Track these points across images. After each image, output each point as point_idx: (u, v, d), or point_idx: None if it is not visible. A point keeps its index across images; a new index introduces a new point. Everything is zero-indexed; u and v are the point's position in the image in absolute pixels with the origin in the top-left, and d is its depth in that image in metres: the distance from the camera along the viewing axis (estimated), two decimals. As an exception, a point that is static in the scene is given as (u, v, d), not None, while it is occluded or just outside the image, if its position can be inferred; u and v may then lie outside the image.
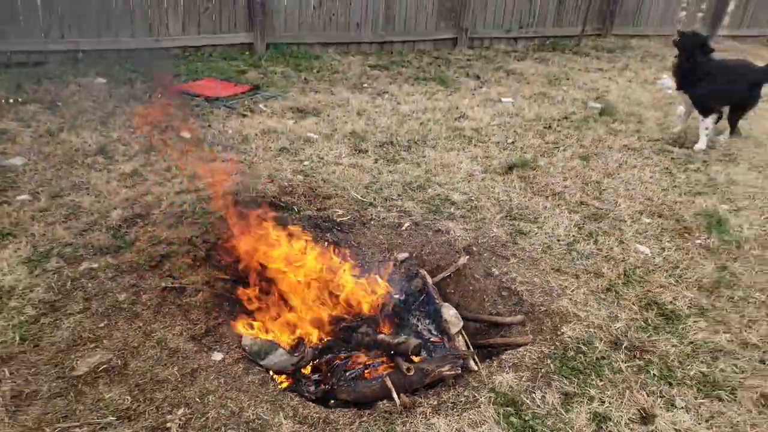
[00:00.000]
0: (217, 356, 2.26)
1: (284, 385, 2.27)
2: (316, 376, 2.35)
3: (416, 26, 8.48)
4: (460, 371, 2.34)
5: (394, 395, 2.17)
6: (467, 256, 3.17)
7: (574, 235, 3.58)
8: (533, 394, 2.27)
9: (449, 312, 2.65)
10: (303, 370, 2.36)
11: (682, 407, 2.29)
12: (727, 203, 4.25)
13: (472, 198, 3.94)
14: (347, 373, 2.32)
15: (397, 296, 2.73)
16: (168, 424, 1.93)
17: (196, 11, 6.83)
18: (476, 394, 2.24)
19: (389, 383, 2.22)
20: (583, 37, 9.85)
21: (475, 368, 2.39)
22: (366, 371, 2.36)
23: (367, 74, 7.04)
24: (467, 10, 8.63)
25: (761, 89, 5.34)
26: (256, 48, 7.25)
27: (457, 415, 2.13)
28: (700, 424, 2.22)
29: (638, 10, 10.34)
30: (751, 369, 2.57)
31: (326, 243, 3.08)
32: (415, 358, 2.40)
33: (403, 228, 3.31)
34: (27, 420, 1.92)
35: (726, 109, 5.48)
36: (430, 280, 2.94)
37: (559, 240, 3.51)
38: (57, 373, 2.13)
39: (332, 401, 2.24)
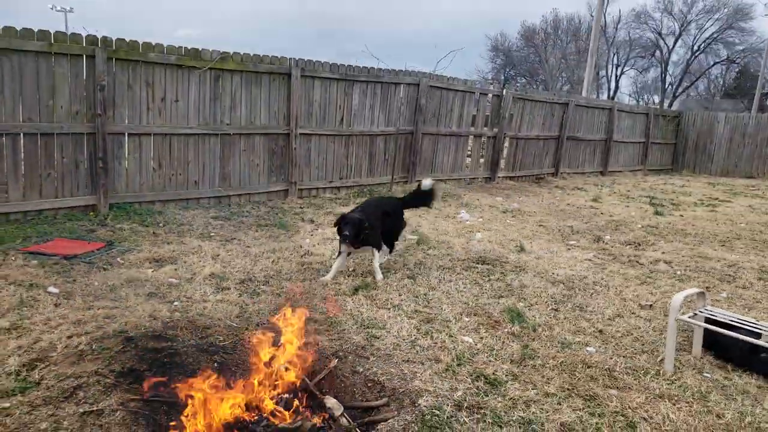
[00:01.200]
0: (146, 460, 2.60)
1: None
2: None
3: (250, 181, 9.46)
4: (348, 441, 2.93)
5: (302, 465, 2.69)
6: (336, 360, 3.86)
7: (414, 335, 4.46)
8: (406, 447, 2.94)
9: (331, 401, 3.27)
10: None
11: (511, 438, 3.13)
12: (523, 301, 5.51)
13: (330, 316, 4.68)
14: (258, 460, 2.78)
15: (286, 396, 3.28)
16: None
17: (38, 178, 7.06)
18: (364, 454, 2.86)
19: (295, 458, 2.74)
20: (393, 184, 11.63)
21: (359, 438, 3.01)
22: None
23: (211, 225, 7.68)
24: (294, 167, 9.88)
25: (396, 215, 6.46)
26: (99, 209, 7.56)
27: (354, 470, 2.71)
28: (523, 446, 3.06)
29: (434, 159, 12.56)
30: (552, 410, 3.53)
31: (215, 363, 3.56)
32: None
33: (278, 345, 3.90)
34: None
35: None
36: (310, 382, 3.55)
37: (404, 339, 4.36)
38: None
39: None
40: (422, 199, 6.85)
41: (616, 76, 49.97)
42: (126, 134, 7.88)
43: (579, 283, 6.19)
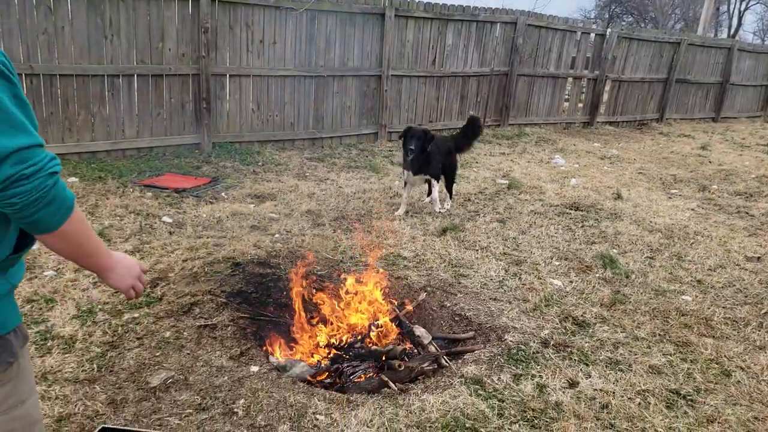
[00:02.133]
0: (254, 368, 2.89)
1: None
2: (329, 381, 3.02)
3: (342, 124, 9.62)
4: (436, 367, 3.09)
5: (391, 384, 2.88)
6: (425, 294, 4.00)
7: (502, 276, 4.51)
8: (492, 377, 3.05)
9: (420, 330, 3.43)
10: (319, 377, 3.02)
11: (596, 376, 3.16)
12: (616, 248, 5.38)
13: (419, 254, 4.82)
14: (351, 377, 3.01)
15: (378, 322, 3.48)
16: (235, 409, 2.55)
17: (149, 117, 7.58)
18: (450, 380, 3.01)
19: (385, 377, 2.93)
20: (485, 127, 11.41)
21: (446, 365, 3.16)
22: (364, 374, 3.06)
23: (306, 165, 7.97)
24: (385, 110, 9.93)
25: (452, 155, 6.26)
26: (203, 147, 8.03)
27: (440, 392, 2.87)
28: (608, 384, 3.08)
29: (528, 103, 12.17)
30: (641, 353, 3.51)
31: (314, 290, 3.81)
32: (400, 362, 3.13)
33: (370, 276, 4.10)
34: (127, 416, 2.48)
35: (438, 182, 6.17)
36: (399, 312, 3.72)
37: (491, 279, 4.42)
38: (136, 386, 2.69)
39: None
40: (472, 131, 6.43)
41: (740, 12, 44.92)
42: (227, 75, 8.21)
43: (679, 233, 5.93)
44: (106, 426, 2.18)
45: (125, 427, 2.29)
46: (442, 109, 10.93)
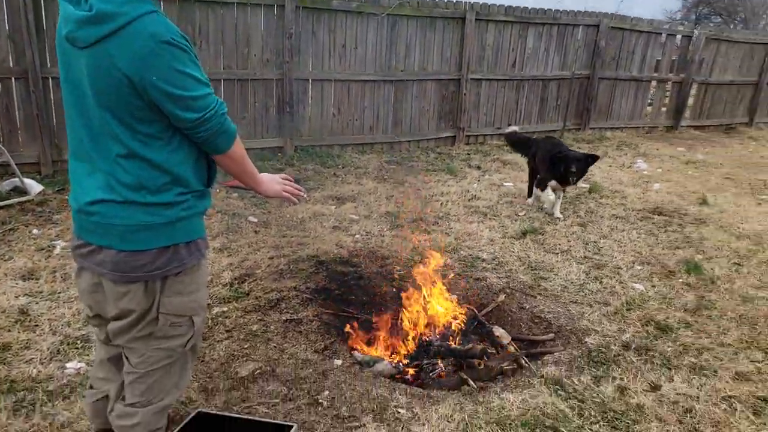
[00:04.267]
0: (338, 362, 3.06)
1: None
2: (409, 377, 3.14)
3: (420, 127, 9.74)
4: (515, 367, 3.15)
5: (471, 382, 2.97)
6: (504, 295, 4.04)
7: (583, 279, 4.48)
8: (572, 378, 3.07)
9: (499, 330, 3.49)
10: (399, 375, 3.15)
11: (680, 381, 3.11)
12: (701, 254, 5.19)
13: (497, 256, 4.86)
14: (431, 374, 3.11)
15: (457, 322, 3.57)
16: (320, 400, 2.72)
17: (235, 120, 7.91)
18: (530, 380, 3.05)
19: (465, 375, 3.01)
20: (565, 131, 11.21)
21: (526, 365, 3.20)
22: (443, 372, 3.15)
23: (384, 168, 8.14)
24: (463, 113, 9.97)
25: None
26: (285, 150, 8.37)
27: (519, 391, 2.92)
28: (692, 389, 3.03)
29: (610, 106, 11.83)
30: (727, 359, 3.41)
31: (393, 289, 3.95)
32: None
33: (449, 277, 4.19)
34: (218, 403, 2.72)
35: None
36: (478, 313, 3.79)
37: (572, 283, 4.40)
38: (226, 375, 2.92)
39: (425, 391, 3.02)
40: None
41: None
42: (310, 80, 8.49)
43: (771, 239, 5.64)
44: (201, 410, 2.39)
45: (219, 413, 2.48)
46: (522, 112, 10.83)
